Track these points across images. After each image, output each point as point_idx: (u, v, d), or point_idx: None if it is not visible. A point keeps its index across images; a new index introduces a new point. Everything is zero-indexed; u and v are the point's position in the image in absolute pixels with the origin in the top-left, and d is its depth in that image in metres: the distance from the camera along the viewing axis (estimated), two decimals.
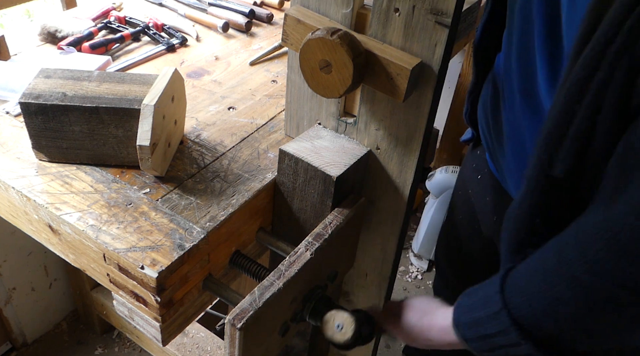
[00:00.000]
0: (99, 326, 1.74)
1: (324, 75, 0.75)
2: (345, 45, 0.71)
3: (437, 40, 0.71)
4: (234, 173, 0.88)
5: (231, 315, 0.68)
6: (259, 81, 1.13)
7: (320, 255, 0.79)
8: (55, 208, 0.78)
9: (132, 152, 0.84)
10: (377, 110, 0.82)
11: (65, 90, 0.82)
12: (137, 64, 1.13)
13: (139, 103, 0.79)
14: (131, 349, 1.75)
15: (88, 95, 0.81)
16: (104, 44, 1.14)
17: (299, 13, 0.79)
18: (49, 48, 1.14)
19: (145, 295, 0.74)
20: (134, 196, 0.81)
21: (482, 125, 0.93)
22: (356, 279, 1.07)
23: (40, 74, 0.85)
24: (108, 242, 0.73)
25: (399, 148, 0.84)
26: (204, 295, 0.84)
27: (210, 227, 0.77)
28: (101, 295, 1.60)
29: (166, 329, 0.79)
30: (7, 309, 1.56)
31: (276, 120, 1.02)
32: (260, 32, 1.33)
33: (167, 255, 0.72)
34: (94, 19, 1.24)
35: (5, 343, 1.66)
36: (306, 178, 0.84)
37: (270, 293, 0.71)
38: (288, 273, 0.73)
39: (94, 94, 0.82)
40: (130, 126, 0.82)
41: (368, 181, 0.91)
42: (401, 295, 2.03)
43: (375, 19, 0.74)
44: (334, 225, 0.81)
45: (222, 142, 0.94)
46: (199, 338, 1.47)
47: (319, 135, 0.88)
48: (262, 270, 0.85)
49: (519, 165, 0.81)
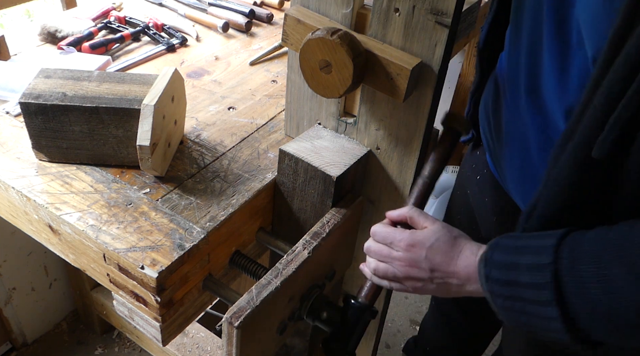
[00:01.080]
0: (99, 326, 1.74)
1: (324, 75, 0.75)
2: (345, 45, 0.71)
3: (437, 40, 0.71)
4: (234, 173, 0.88)
5: (228, 314, 0.68)
6: (259, 81, 1.13)
7: (318, 253, 0.79)
8: (55, 208, 0.78)
9: (132, 152, 0.84)
10: (377, 110, 0.82)
11: (65, 90, 0.82)
12: (137, 64, 1.13)
13: (139, 104, 0.79)
14: (131, 349, 1.75)
15: (88, 95, 0.81)
16: (104, 44, 1.14)
17: (299, 13, 0.79)
18: (49, 48, 1.14)
19: (145, 295, 0.74)
20: (134, 196, 0.81)
21: (483, 125, 0.93)
22: (356, 279, 1.07)
23: (40, 74, 0.85)
24: (108, 242, 0.74)
25: (399, 148, 0.84)
26: (204, 295, 0.84)
27: (210, 227, 0.77)
28: (101, 295, 1.60)
29: (166, 329, 0.79)
30: (7, 309, 1.56)
31: (276, 120, 1.02)
32: (260, 32, 1.33)
33: (167, 255, 0.72)
34: (94, 19, 1.24)
35: (5, 343, 1.66)
36: (306, 178, 0.84)
37: (267, 291, 0.71)
38: (285, 272, 0.73)
39: (94, 94, 0.82)
40: (130, 126, 0.82)
41: (368, 181, 0.91)
42: (401, 295, 2.03)
43: (375, 19, 0.74)
44: (331, 224, 0.81)
45: (222, 142, 0.94)
46: (199, 338, 1.47)
47: (319, 135, 0.88)
48: (262, 270, 0.85)
49: (521, 165, 0.81)
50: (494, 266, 0.63)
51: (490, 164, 0.95)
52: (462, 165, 1.14)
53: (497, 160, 0.90)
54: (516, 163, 0.82)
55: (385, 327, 1.91)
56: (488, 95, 0.90)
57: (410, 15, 0.71)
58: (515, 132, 0.80)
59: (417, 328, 1.71)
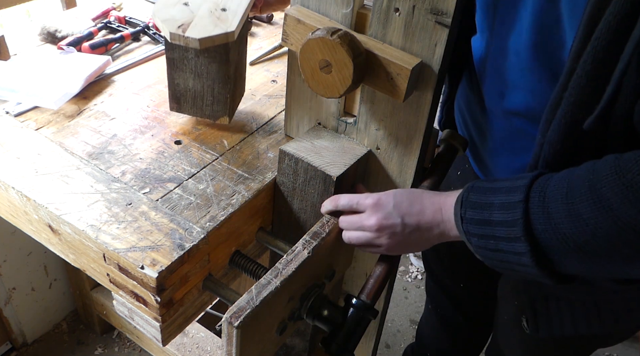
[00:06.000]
0: (99, 326, 1.74)
1: (324, 75, 0.75)
2: (346, 45, 0.71)
3: (437, 40, 0.71)
4: (234, 173, 0.88)
5: (228, 313, 0.68)
6: (259, 81, 1.13)
7: (318, 253, 0.79)
8: (55, 208, 0.78)
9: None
10: (377, 110, 0.82)
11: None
12: (137, 63, 1.13)
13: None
14: (131, 349, 1.75)
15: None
16: (104, 44, 1.14)
17: (299, 13, 0.79)
18: (49, 48, 1.14)
19: (145, 295, 0.74)
20: (134, 196, 0.81)
21: (461, 128, 0.95)
22: (356, 279, 1.07)
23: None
24: (108, 241, 0.74)
25: (399, 148, 0.84)
26: (204, 295, 0.84)
27: (210, 227, 0.77)
28: (101, 295, 1.60)
29: (166, 329, 0.79)
30: (7, 309, 1.56)
31: (276, 120, 1.02)
32: (260, 32, 1.33)
33: (167, 255, 0.72)
34: (94, 19, 1.24)
35: (5, 343, 1.66)
36: (306, 178, 0.84)
37: (267, 291, 0.71)
38: (285, 272, 0.73)
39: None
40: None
41: (368, 181, 0.91)
42: (401, 295, 2.03)
43: (375, 19, 0.74)
44: (331, 224, 0.81)
45: (222, 141, 0.94)
46: (199, 338, 1.47)
47: (319, 135, 0.88)
48: (262, 270, 0.85)
49: (510, 152, 0.82)
50: (469, 206, 0.65)
51: (471, 159, 0.98)
52: None
53: (480, 157, 0.92)
54: (503, 153, 0.84)
55: (385, 327, 1.91)
56: (462, 96, 0.92)
57: (410, 15, 0.71)
58: (500, 130, 0.81)
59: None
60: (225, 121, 0.94)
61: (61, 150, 0.88)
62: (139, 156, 0.89)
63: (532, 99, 0.74)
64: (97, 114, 0.97)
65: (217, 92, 0.91)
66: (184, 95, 0.92)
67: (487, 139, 0.87)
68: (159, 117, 0.98)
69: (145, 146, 0.91)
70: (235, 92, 0.95)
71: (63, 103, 0.97)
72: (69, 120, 0.95)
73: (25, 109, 0.95)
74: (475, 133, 0.91)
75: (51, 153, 0.87)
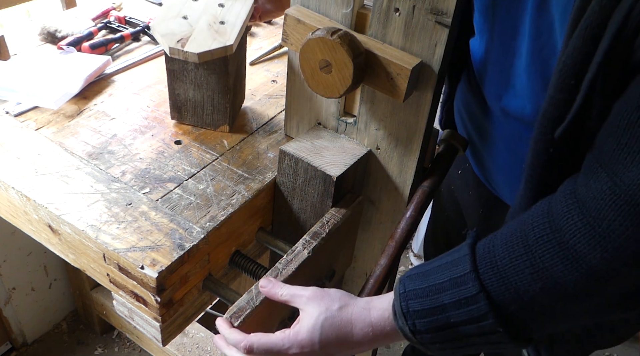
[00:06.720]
0: (99, 326, 1.74)
1: (324, 75, 0.75)
2: (346, 45, 0.71)
3: (437, 40, 0.71)
4: (234, 173, 0.88)
5: (228, 313, 0.68)
6: (259, 81, 1.13)
7: (318, 253, 0.79)
8: (55, 208, 0.78)
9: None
10: (377, 110, 0.82)
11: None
12: (137, 63, 1.13)
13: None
14: (131, 349, 1.75)
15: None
16: (104, 44, 1.14)
17: (299, 13, 0.79)
18: (49, 48, 1.14)
19: (145, 295, 0.74)
20: (134, 196, 0.81)
21: (461, 128, 0.96)
22: (356, 279, 1.07)
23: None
24: (108, 242, 0.73)
25: (399, 148, 0.84)
26: (204, 295, 0.84)
27: (210, 227, 0.77)
28: (101, 295, 1.60)
29: (166, 329, 0.79)
30: (7, 309, 1.56)
31: (276, 120, 1.02)
32: (260, 32, 1.33)
33: (167, 255, 0.72)
34: (94, 19, 1.24)
35: (5, 343, 1.66)
36: (306, 178, 0.84)
37: None
38: (285, 272, 0.73)
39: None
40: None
41: (368, 181, 0.91)
42: None
43: (375, 19, 0.74)
44: (331, 224, 0.81)
45: (222, 141, 0.94)
46: (199, 338, 1.47)
47: (319, 135, 0.88)
48: (262, 270, 0.85)
49: (509, 153, 0.82)
50: (416, 316, 0.57)
51: (472, 163, 0.98)
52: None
53: (481, 158, 0.92)
54: (504, 153, 0.84)
55: None
56: (461, 98, 0.92)
57: (410, 15, 0.71)
58: (499, 131, 0.81)
59: None
60: (225, 129, 0.96)
61: (61, 150, 0.88)
62: (139, 156, 0.89)
63: (528, 104, 0.74)
64: (97, 114, 0.97)
65: (217, 102, 0.92)
66: (184, 105, 0.94)
67: (487, 139, 0.87)
68: (159, 117, 0.98)
69: (145, 146, 0.91)
70: (235, 101, 0.96)
71: (63, 103, 0.97)
72: (69, 120, 0.95)
73: (25, 109, 0.95)
74: (475, 134, 0.91)
75: (51, 153, 0.87)
